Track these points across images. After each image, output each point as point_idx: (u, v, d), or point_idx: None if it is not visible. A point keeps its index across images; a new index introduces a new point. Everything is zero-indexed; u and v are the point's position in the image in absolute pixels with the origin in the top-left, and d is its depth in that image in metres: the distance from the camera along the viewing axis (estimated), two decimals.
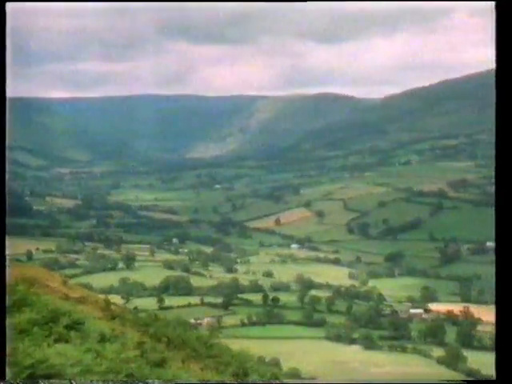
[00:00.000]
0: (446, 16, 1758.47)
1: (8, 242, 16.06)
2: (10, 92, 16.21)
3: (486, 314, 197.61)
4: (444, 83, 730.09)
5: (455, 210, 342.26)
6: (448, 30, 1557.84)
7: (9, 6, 16.08)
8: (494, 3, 14.61)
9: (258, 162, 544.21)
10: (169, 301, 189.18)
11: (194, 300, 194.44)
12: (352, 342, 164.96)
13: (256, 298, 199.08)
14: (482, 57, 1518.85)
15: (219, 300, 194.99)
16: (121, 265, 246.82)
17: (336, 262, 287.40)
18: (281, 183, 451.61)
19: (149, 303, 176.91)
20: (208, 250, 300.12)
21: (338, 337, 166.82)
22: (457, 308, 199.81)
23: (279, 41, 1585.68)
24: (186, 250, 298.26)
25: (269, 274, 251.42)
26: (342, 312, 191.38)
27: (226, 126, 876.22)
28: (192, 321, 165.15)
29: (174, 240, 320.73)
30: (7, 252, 16.18)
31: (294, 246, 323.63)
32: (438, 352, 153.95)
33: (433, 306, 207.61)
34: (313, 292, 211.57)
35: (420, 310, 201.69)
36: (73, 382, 14.73)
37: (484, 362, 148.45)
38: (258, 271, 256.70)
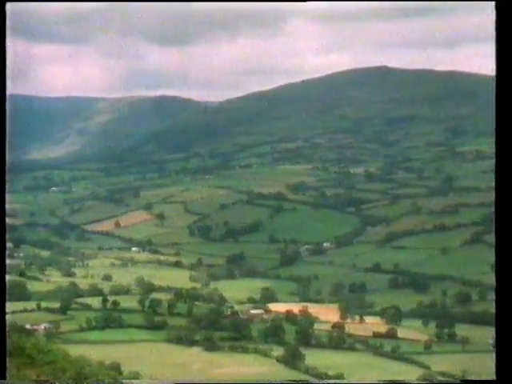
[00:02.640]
0: (286, 21, 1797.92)
1: None
2: None
3: (324, 313, 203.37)
4: (283, 87, 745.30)
5: (294, 211, 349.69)
6: (288, 35, 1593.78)
7: (9, 6, 15.26)
8: (493, 3, 14.29)
9: (97, 164, 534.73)
10: None
11: (30, 305, 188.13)
12: (193, 343, 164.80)
13: (95, 301, 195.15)
14: (321, 62, 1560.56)
15: (57, 305, 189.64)
16: None
17: (177, 264, 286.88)
18: (121, 186, 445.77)
19: None
20: (45, 253, 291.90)
21: (179, 339, 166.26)
22: (296, 308, 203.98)
23: (120, 41, 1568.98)
24: (21, 254, 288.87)
25: (108, 278, 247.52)
26: (183, 314, 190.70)
27: (64, 127, 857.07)
28: (28, 326, 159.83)
29: (9, 244, 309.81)
30: None
31: (134, 248, 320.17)
32: (277, 351, 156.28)
33: (273, 307, 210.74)
34: (154, 295, 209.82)
35: (260, 311, 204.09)
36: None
37: (321, 360, 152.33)
38: (98, 275, 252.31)
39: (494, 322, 14.51)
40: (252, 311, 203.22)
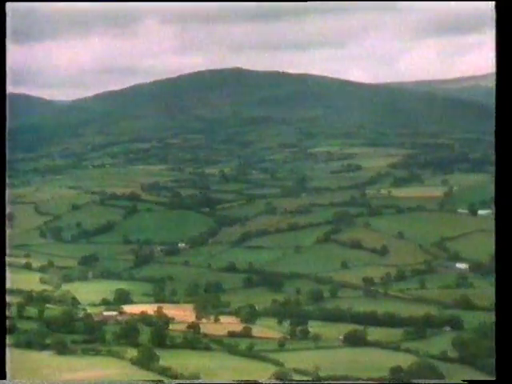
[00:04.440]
0: (138, 22, 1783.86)
1: None
2: None
3: (179, 314, 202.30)
4: (137, 87, 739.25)
5: (148, 212, 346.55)
6: (142, 35, 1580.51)
7: (9, 5, 12.99)
8: (493, 3, 13.47)
9: None
10: None
11: None
12: (44, 347, 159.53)
13: None
14: (175, 63, 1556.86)
15: None
16: None
17: (27, 266, 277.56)
18: None
19: None
20: None
21: (30, 343, 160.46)
22: (151, 309, 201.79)
23: None
24: None
25: None
26: (33, 317, 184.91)
27: None
28: None
29: None
30: None
31: None
32: (131, 353, 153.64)
33: (127, 308, 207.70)
34: None
35: (114, 312, 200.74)
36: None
37: (176, 360, 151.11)
38: None
39: (495, 324, 14.04)
40: (106, 313, 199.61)
